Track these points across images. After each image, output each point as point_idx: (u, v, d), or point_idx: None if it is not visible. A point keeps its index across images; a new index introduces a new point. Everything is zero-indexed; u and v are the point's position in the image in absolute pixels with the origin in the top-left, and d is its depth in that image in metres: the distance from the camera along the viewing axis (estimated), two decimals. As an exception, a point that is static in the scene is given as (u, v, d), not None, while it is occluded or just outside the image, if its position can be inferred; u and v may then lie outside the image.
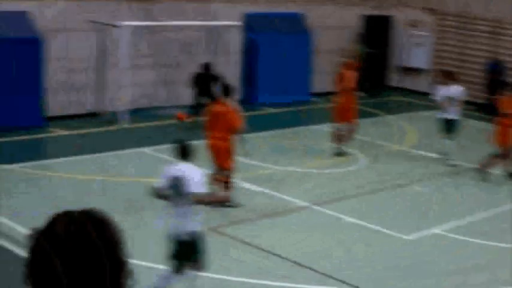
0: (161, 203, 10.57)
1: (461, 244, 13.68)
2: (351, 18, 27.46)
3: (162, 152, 18.17)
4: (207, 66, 20.94)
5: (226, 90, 14.69)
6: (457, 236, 13.97)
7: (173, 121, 21.25)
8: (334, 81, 19.15)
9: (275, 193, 15.67)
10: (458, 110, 18.56)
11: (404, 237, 13.73)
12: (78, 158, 17.31)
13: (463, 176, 17.80)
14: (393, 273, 12.20)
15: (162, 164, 17.01)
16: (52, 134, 19.17)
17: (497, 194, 16.68)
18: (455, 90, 18.35)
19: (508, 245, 13.69)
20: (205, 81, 20.60)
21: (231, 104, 14.66)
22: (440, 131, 18.80)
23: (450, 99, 18.28)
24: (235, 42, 22.76)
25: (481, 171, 17.31)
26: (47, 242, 2.41)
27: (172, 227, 10.09)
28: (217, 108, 14.52)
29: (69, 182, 15.50)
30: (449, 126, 18.54)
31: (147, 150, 18.35)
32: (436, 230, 14.16)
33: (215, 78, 20.53)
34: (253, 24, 24.10)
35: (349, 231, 14.04)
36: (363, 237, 13.76)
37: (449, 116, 18.49)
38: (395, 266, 12.55)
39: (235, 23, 22.82)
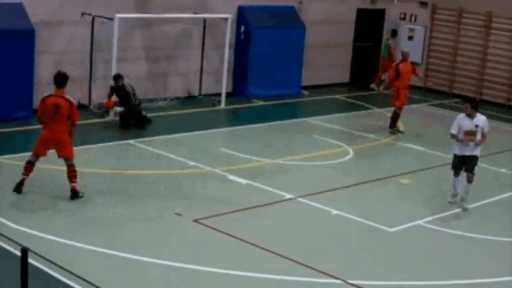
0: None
1: (444, 236, 13.80)
2: (346, 11, 27.49)
3: (148, 143, 18.31)
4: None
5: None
6: (438, 228, 14.09)
7: (163, 113, 21.36)
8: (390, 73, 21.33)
9: (263, 186, 15.74)
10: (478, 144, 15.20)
11: (389, 229, 13.83)
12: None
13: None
14: (378, 266, 12.30)
15: (149, 155, 17.31)
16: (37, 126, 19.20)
17: (485, 188, 16.83)
18: (479, 122, 15.18)
19: (488, 237, 13.86)
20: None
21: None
22: (453, 168, 15.49)
23: (471, 133, 15.05)
24: (228, 35, 22.76)
25: None
26: None
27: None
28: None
29: (54, 173, 15.57)
30: (465, 163, 15.30)
31: (132, 142, 18.46)
32: (420, 222, 14.28)
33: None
34: (247, 17, 24.11)
35: (336, 223, 14.13)
36: (349, 230, 13.86)
37: (467, 152, 15.19)
38: (380, 258, 12.65)
39: (228, 15, 22.83)
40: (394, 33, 27.82)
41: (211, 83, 23.71)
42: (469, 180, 15.30)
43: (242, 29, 24.02)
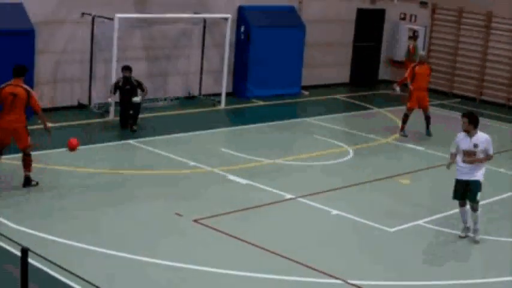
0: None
1: (444, 236, 13.79)
2: (346, 11, 27.48)
3: (148, 143, 18.30)
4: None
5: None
6: (438, 228, 14.09)
7: (163, 113, 21.35)
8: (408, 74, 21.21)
9: (263, 186, 15.73)
10: (481, 167, 13.31)
11: (389, 229, 13.83)
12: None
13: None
14: (378, 266, 12.30)
15: (149, 155, 17.32)
16: (41, 126, 19.15)
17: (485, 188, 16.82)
18: (478, 141, 13.19)
19: (488, 237, 13.85)
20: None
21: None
22: (454, 197, 13.63)
23: (470, 154, 13.19)
24: (228, 35, 22.76)
25: None
26: None
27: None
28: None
29: (55, 173, 15.57)
30: (467, 190, 13.39)
31: (132, 142, 18.45)
32: (420, 222, 14.28)
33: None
34: (247, 17, 24.10)
35: (336, 223, 14.13)
36: (349, 230, 13.86)
37: (466, 177, 13.32)
38: (380, 258, 12.65)
39: (228, 15, 22.84)
40: (414, 35, 27.34)
41: (211, 83, 23.71)
42: (473, 209, 13.45)
43: (242, 29, 24.02)
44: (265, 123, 21.32)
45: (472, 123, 13.10)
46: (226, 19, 22.75)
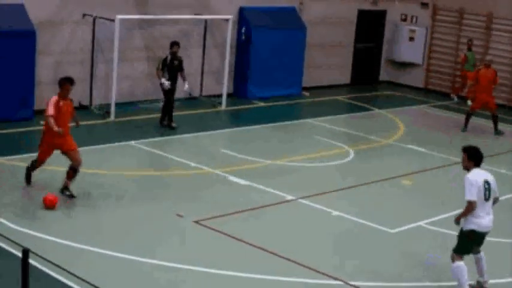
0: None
1: (443, 237, 13.78)
2: (347, 12, 27.48)
3: (148, 144, 18.30)
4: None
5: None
6: (440, 229, 14.07)
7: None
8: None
9: (264, 187, 15.73)
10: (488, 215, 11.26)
11: (390, 230, 13.82)
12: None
13: (453, 169, 17.83)
14: (379, 267, 12.30)
15: (150, 156, 17.33)
16: (42, 128, 19.16)
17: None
18: (482, 179, 10.97)
19: (488, 238, 13.82)
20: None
21: None
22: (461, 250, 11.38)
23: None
24: (229, 36, 22.78)
25: None
26: None
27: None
28: None
29: (55, 174, 15.57)
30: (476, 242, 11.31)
31: (133, 143, 18.43)
32: (421, 223, 14.27)
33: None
34: (248, 18, 24.10)
35: (337, 225, 14.12)
36: (350, 231, 13.85)
37: (475, 226, 11.08)
38: (381, 259, 12.65)
39: (229, 16, 22.85)
40: (468, 43, 26.84)
41: (212, 84, 23.70)
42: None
43: (243, 30, 24.01)
44: (266, 124, 21.32)
45: (472, 160, 10.88)
46: (227, 20, 22.76)
